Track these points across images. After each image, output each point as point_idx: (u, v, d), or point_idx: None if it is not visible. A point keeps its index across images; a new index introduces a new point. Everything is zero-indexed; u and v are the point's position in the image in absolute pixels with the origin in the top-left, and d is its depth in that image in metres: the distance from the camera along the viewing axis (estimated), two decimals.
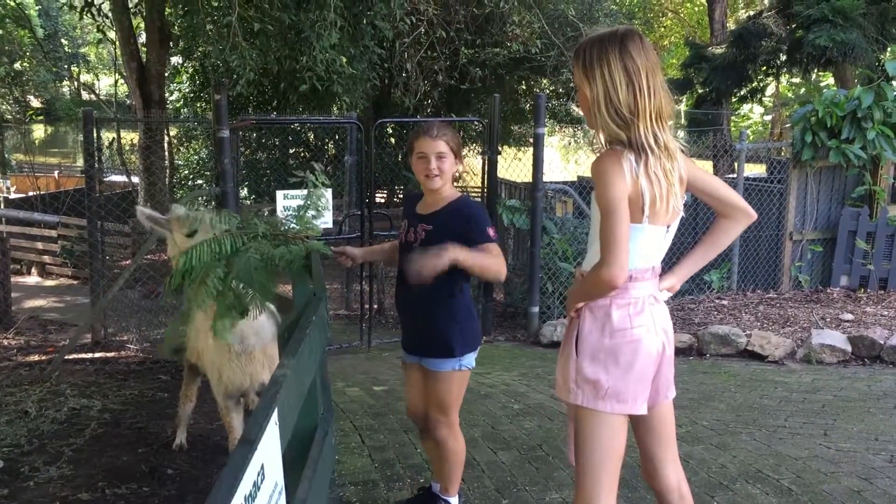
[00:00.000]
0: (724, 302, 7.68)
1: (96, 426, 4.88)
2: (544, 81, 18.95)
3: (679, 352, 6.56)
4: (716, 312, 7.34)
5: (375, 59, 11.50)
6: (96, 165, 7.04)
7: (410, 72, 12.34)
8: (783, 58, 13.19)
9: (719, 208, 2.40)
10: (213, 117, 6.03)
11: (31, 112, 32.30)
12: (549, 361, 6.27)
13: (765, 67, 13.78)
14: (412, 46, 11.74)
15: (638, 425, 2.39)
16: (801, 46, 11.95)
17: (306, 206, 3.05)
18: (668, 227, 2.26)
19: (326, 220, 6.76)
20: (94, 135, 6.95)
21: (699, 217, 7.80)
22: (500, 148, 7.69)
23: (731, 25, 19.36)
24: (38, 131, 37.59)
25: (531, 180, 7.32)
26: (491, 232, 2.93)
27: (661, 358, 2.27)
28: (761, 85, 15.09)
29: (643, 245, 2.22)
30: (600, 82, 2.14)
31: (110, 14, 13.82)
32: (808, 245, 8.29)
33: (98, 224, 7.13)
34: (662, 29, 30.23)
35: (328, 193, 6.91)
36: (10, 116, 30.38)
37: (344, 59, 8.99)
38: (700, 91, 14.51)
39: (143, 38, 15.16)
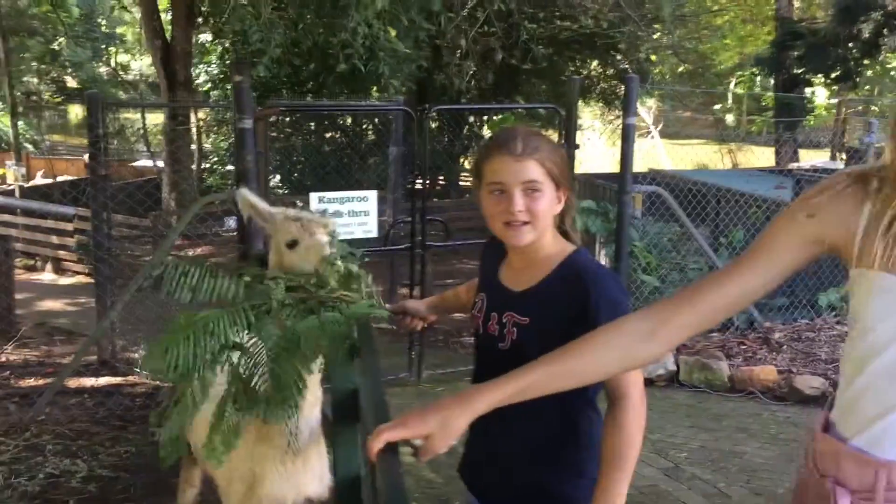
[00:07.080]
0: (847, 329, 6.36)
1: None
2: (594, 63, 17.66)
3: (811, 399, 5.30)
4: (842, 344, 6.03)
5: (422, 37, 10.20)
6: (102, 152, 5.91)
7: (464, 50, 11.01)
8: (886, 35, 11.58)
9: None
10: (234, 104, 4.83)
11: (60, 94, 31.41)
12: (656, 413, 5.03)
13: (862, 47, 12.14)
14: (466, 21, 10.39)
15: None
16: None
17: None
18: None
19: (371, 229, 5.57)
20: (101, 119, 5.82)
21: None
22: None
23: (796, 3, 17.86)
24: (76, 111, 36.81)
25: (618, 179, 5.99)
26: None
27: None
28: (858, 66, 13.40)
29: None
30: None
31: None
32: None
33: (106, 217, 6.01)
34: (716, 6, 28.40)
35: (372, 195, 5.72)
36: (47, 96, 29.74)
37: (392, 32, 7.64)
38: (792, 72, 12.90)
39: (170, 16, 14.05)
